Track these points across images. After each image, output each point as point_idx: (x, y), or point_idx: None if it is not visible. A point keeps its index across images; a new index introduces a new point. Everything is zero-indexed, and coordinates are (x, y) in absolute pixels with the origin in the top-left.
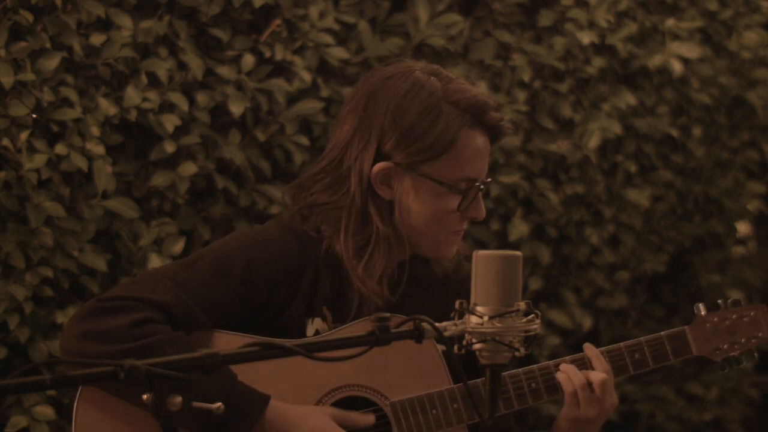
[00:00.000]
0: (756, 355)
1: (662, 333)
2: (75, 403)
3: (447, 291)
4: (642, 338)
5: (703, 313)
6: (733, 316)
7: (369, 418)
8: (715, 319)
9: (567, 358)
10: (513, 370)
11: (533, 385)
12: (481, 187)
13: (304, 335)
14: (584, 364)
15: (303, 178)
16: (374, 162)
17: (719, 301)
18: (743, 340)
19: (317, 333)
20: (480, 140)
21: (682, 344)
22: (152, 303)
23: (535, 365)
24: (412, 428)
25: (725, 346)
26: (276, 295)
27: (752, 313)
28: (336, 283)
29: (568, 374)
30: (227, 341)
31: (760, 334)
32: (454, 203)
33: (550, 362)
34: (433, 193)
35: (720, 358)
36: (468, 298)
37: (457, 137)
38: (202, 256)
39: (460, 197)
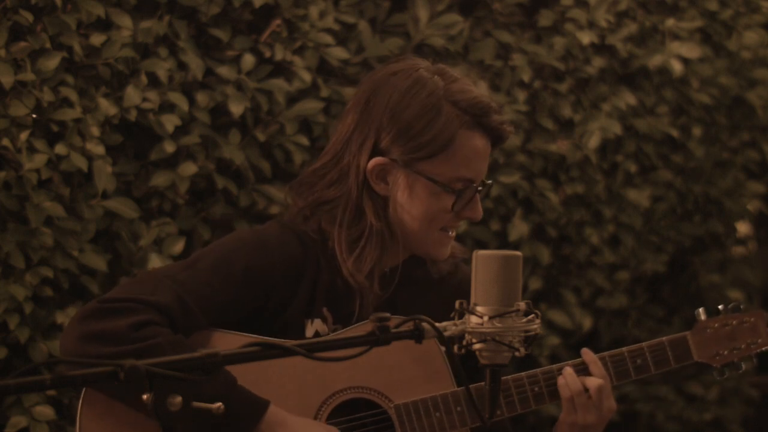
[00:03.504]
0: (755, 360)
1: (664, 338)
2: (79, 406)
3: (443, 294)
4: (644, 344)
5: (703, 318)
6: (734, 322)
7: None
8: (716, 325)
9: (569, 362)
10: (516, 374)
11: (536, 389)
12: (479, 188)
13: (303, 336)
14: (586, 369)
15: (305, 175)
16: (371, 157)
17: (720, 307)
18: (743, 346)
19: (317, 334)
20: (479, 141)
21: (683, 350)
22: (152, 304)
23: (538, 369)
24: (416, 431)
25: (725, 352)
26: (275, 296)
27: (752, 320)
28: (338, 284)
29: (566, 380)
30: (228, 341)
31: (759, 341)
32: (448, 203)
33: (554, 366)
34: (428, 192)
35: (719, 364)
36: (464, 301)
37: (454, 137)
38: (202, 256)
39: (455, 197)
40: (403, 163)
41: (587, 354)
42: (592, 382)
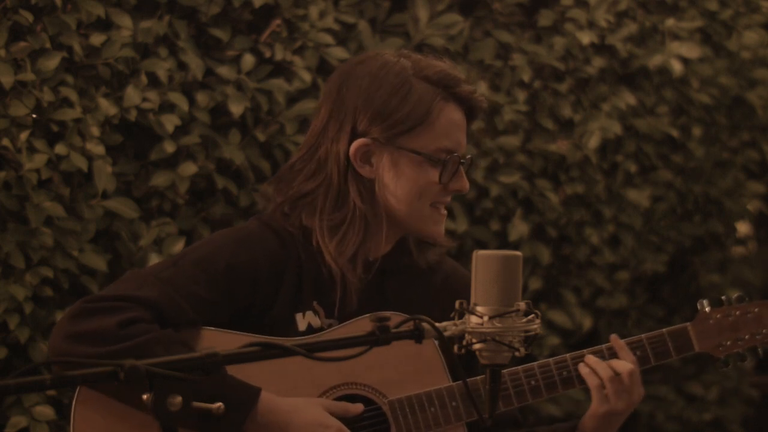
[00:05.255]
0: (760, 351)
1: (664, 330)
2: (73, 404)
3: (431, 284)
4: (643, 335)
5: (707, 309)
6: (737, 313)
7: (358, 407)
8: (719, 315)
9: (586, 350)
10: (528, 364)
11: (549, 378)
12: (462, 160)
13: (294, 330)
14: (604, 356)
15: (283, 170)
16: (351, 141)
17: (723, 297)
18: (747, 337)
19: (310, 326)
20: (455, 113)
21: (684, 341)
22: (139, 301)
23: (550, 358)
24: (411, 426)
25: (728, 343)
26: (259, 293)
27: (756, 310)
28: (323, 276)
29: (592, 367)
30: (217, 338)
31: (764, 331)
32: (434, 175)
33: (567, 355)
34: (413, 165)
35: (723, 355)
36: (453, 294)
37: (431, 109)
38: (184, 254)
39: (440, 168)
40: (386, 140)
41: (616, 340)
42: (623, 366)
